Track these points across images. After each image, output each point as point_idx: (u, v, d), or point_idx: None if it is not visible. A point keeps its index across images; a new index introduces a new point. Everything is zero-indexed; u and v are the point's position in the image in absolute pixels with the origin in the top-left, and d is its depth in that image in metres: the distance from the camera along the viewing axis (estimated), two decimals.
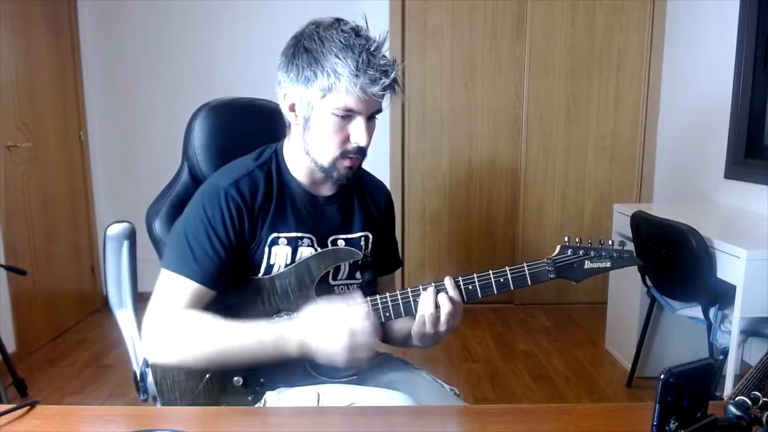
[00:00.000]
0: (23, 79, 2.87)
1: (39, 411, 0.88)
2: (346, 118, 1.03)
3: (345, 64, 0.97)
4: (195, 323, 1.02)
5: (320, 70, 0.99)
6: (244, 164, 1.12)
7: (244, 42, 3.41)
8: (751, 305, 1.88)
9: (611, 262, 1.06)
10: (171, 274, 1.05)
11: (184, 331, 1.02)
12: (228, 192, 1.06)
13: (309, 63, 1.00)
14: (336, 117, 1.02)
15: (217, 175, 1.13)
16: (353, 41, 0.99)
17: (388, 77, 0.99)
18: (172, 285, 1.04)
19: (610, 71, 3.45)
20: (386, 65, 0.99)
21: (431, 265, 3.66)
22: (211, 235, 1.05)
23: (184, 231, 1.06)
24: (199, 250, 1.04)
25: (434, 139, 3.53)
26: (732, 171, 2.69)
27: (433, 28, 3.42)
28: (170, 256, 1.07)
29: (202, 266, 1.04)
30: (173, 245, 1.08)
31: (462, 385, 2.54)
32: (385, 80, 0.99)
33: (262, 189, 1.09)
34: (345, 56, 0.97)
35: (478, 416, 0.92)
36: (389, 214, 1.28)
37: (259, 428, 0.87)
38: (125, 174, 3.57)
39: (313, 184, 1.14)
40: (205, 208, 1.06)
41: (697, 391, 0.66)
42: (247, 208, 1.07)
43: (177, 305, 1.03)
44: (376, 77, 0.98)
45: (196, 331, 1.02)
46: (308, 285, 1.10)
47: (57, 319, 3.16)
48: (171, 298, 1.04)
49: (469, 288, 1.05)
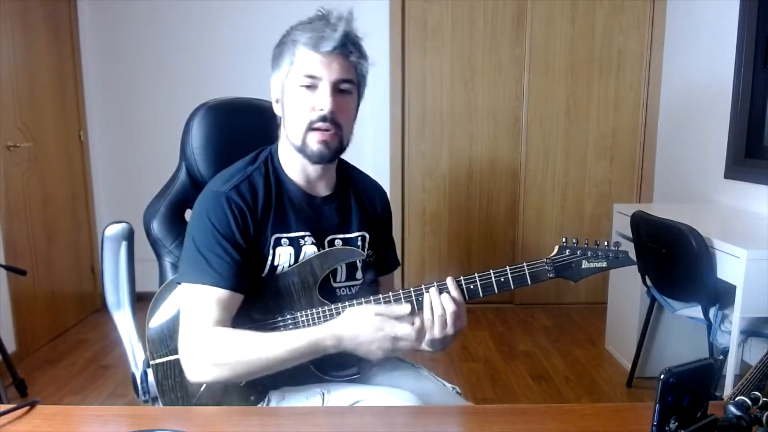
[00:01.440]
0: (23, 79, 2.87)
1: (39, 411, 0.88)
2: (311, 88, 1.04)
3: (302, 33, 1.03)
4: (229, 340, 1.01)
5: (285, 47, 1.06)
6: (241, 168, 1.12)
7: (243, 42, 3.41)
8: (751, 305, 1.88)
9: (607, 262, 1.07)
10: (192, 287, 1.04)
11: (220, 350, 1.00)
12: (230, 196, 1.06)
13: (279, 44, 1.07)
14: (302, 88, 1.04)
15: (214, 181, 1.12)
16: (314, 18, 1.04)
17: (337, 31, 1.01)
18: (198, 298, 1.03)
19: (610, 71, 3.45)
20: (337, 23, 1.03)
21: (431, 265, 3.66)
22: (220, 239, 1.04)
23: (193, 242, 1.06)
24: (213, 257, 1.04)
25: (434, 139, 3.53)
26: (732, 171, 2.69)
27: (433, 28, 3.42)
28: (186, 270, 1.06)
29: (220, 271, 1.03)
30: (186, 258, 1.07)
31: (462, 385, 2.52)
32: (334, 35, 1.01)
33: (262, 192, 1.09)
34: (303, 28, 1.04)
35: (478, 416, 0.92)
36: (386, 214, 1.28)
37: (259, 428, 0.87)
38: (125, 174, 3.58)
39: (309, 184, 1.14)
40: (209, 216, 1.06)
41: (697, 391, 0.66)
42: (251, 212, 1.07)
43: (207, 319, 1.02)
44: (326, 34, 1.01)
45: (231, 349, 1.00)
46: (311, 285, 1.10)
47: (57, 319, 3.16)
48: (200, 312, 1.02)
49: (470, 287, 1.05)
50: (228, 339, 1.01)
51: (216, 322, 1.02)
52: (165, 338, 1.12)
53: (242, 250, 1.06)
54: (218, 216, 1.05)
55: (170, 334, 1.11)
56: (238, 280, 1.04)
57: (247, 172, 1.11)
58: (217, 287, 1.03)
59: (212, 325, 1.01)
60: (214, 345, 1.01)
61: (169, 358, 1.11)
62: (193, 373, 1.02)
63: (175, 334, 1.10)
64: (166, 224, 1.29)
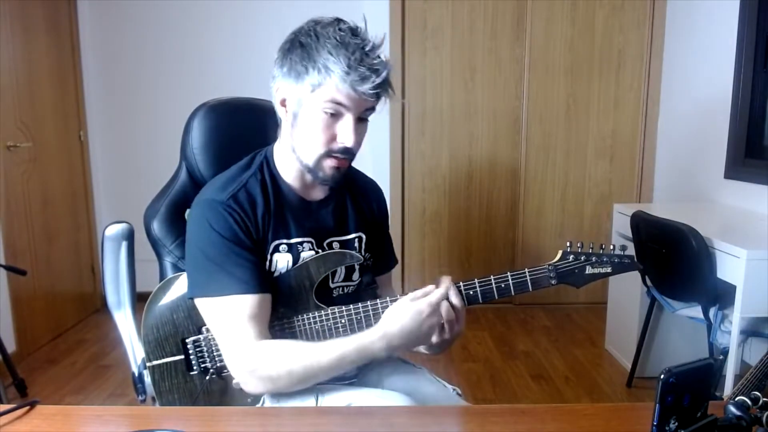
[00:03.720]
0: (23, 79, 2.87)
1: (39, 411, 0.88)
2: (335, 116, 1.01)
3: (337, 61, 0.96)
4: (279, 352, 1.00)
5: (312, 65, 0.98)
6: (237, 175, 1.09)
7: (243, 42, 3.41)
8: (751, 305, 1.88)
9: (612, 268, 1.06)
10: (217, 300, 1.02)
11: (271, 363, 0.99)
12: (229, 204, 1.04)
13: (302, 57, 0.99)
14: (325, 114, 1.00)
15: (209, 189, 1.09)
16: (349, 39, 0.97)
17: (379, 76, 0.98)
18: (229, 310, 1.01)
19: (610, 71, 3.45)
20: (379, 65, 0.98)
21: (431, 265, 3.66)
22: (232, 246, 1.02)
23: (203, 254, 1.03)
24: (231, 265, 1.01)
25: (434, 139, 3.53)
26: (732, 171, 2.69)
27: (433, 28, 3.42)
28: (203, 283, 1.03)
29: (242, 277, 1.01)
30: (199, 271, 1.04)
31: (462, 385, 2.54)
32: (375, 79, 0.97)
33: (261, 199, 1.07)
34: (338, 53, 0.96)
35: (478, 416, 0.92)
36: (382, 213, 1.27)
37: (258, 428, 0.87)
38: (125, 174, 3.58)
39: (305, 188, 1.13)
40: (212, 225, 1.03)
41: (697, 391, 0.66)
42: (250, 221, 1.05)
43: (248, 331, 1.00)
44: (366, 75, 0.97)
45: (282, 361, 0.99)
46: (308, 288, 1.09)
47: (57, 319, 3.16)
48: (238, 325, 1.00)
49: (470, 293, 1.05)
50: (277, 351, 1.00)
51: (258, 333, 1.00)
52: (161, 340, 1.11)
53: (253, 251, 1.04)
54: (221, 224, 1.03)
55: (166, 336, 1.11)
56: (262, 281, 1.03)
57: (242, 179, 1.08)
58: (246, 294, 1.01)
59: (255, 337, 1.00)
60: (265, 358, 0.99)
61: (166, 360, 1.11)
62: (250, 387, 1.01)
63: (171, 336, 1.10)
64: (167, 224, 1.29)
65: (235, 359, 1.01)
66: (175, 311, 1.11)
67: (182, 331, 1.10)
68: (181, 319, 1.10)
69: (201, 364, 1.09)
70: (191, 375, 1.10)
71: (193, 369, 1.10)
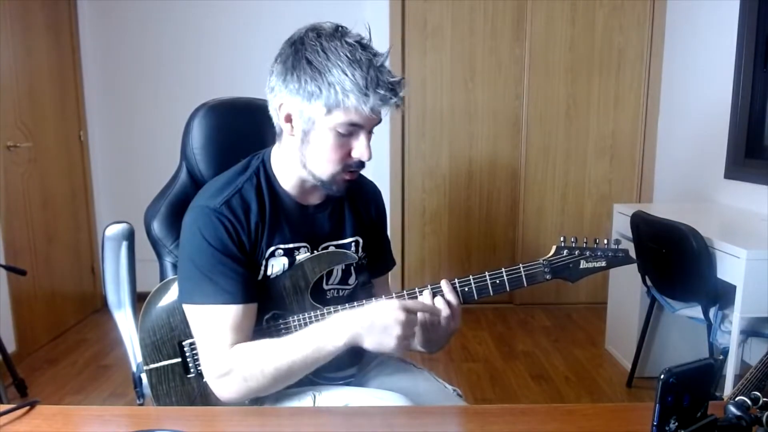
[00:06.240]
0: (23, 79, 2.87)
1: (39, 411, 0.88)
2: (349, 134, 1.00)
3: (353, 82, 0.94)
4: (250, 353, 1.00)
5: (326, 86, 0.95)
6: (232, 180, 1.08)
7: (243, 42, 3.41)
8: (751, 305, 1.88)
9: (606, 262, 1.06)
10: (202, 308, 1.02)
11: (243, 365, 0.99)
12: (221, 212, 1.03)
13: (313, 77, 0.96)
14: (339, 133, 0.99)
15: (204, 194, 1.08)
16: (359, 55, 0.95)
17: (397, 96, 0.97)
18: (211, 319, 1.01)
19: (610, 71, 3.45)
20: (394, 83, 0.97)
21: (431, 265, 3.66)
22: (220, 257, 1.01)
23: (192, 262, 1.03)
24: (218, 276, 1.01)
25: (434, 139, 3.53)
26: (732, 171, 2.69)
27: (433, 28, 3.42)
28: (191, 290, 1.03)
29: (228, 288, 1.01)
30: (187, 279, 1.04)
31: (462, 385, 2.54)
32: (394, 99, 0.97)
33: (255, 205, 1.06)
34: (353, 73, 0.94)
35: (478, 416, 0.92)
36: (380, 215, 1.26)
37: (258, 428, 0.87)
38: (125, 174, 3.58)
39: (302, 193, 1.11)
40: (203, 234, 1.02)
41: (697, 391, 0.66)
42: (242, 228, 1.04)
43: (225, 339, 1.00)
44: (386, 97, 0.96)
45: (254, 360, 0.99)
46: (303, 288, 1.08)
47: (57, 319, 3.16)
48: (217, 333, 1.01)
49: (465, 290, 1.05)
50: (249, 351, 1.00)
51: (237, 341, 1.00)
52: (158, 343, 1.11)
53: (242, 261, 1.04)
54: (212, 233, 1.02)
55: (163, 339, 1.10)
56: (247, 292, 1.03)
57: (237, 184, 1.07)
58: (230, 304, 1.01)
59: (233, 345, 1.00)
60: (237, 360, 0.99)
61: (163, 363, 1.10)
62: (224, 392, 1.01)
63: (168, 339, 1.10)
64: (167, 224, 1.29)
65: (209, 365, 1.01)
66: (172, 314, 1.11)
67: (179, 333, 1.10)
68: (177, 321, 1.10)
69: (198, 367, 1.09)
70: (188, 378, 1.10)
71: (190, 372, 1.10)
